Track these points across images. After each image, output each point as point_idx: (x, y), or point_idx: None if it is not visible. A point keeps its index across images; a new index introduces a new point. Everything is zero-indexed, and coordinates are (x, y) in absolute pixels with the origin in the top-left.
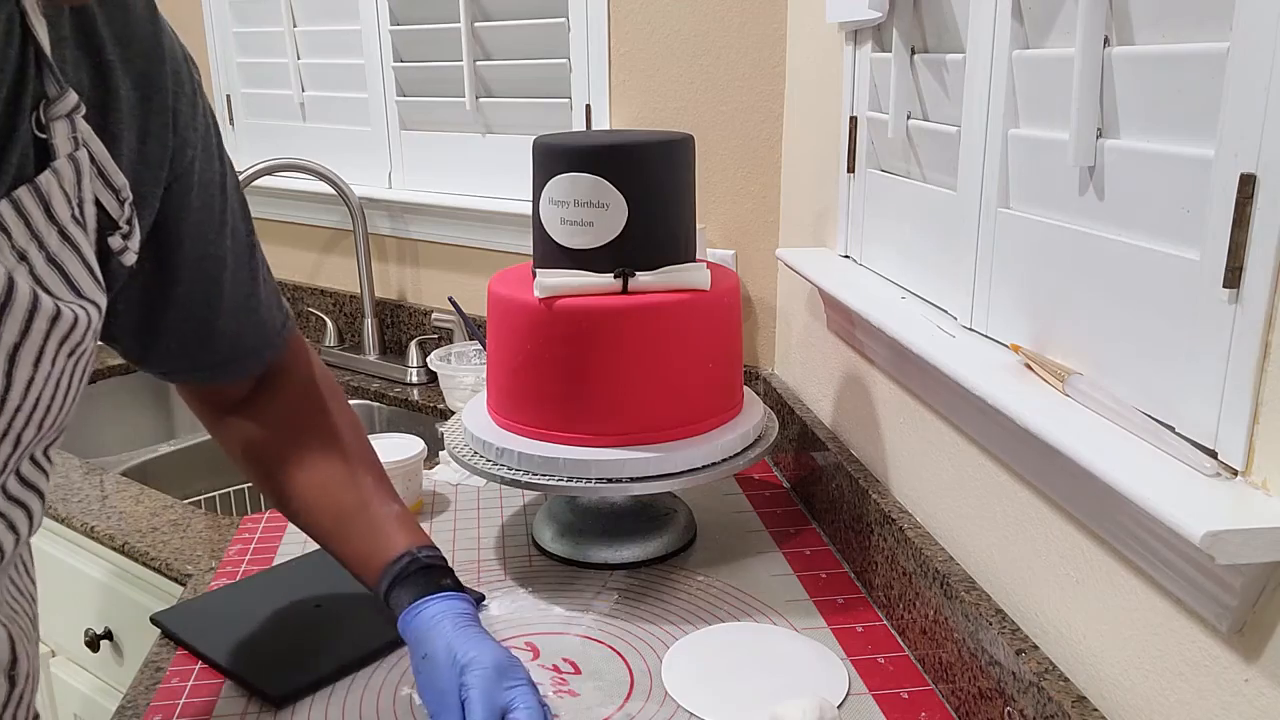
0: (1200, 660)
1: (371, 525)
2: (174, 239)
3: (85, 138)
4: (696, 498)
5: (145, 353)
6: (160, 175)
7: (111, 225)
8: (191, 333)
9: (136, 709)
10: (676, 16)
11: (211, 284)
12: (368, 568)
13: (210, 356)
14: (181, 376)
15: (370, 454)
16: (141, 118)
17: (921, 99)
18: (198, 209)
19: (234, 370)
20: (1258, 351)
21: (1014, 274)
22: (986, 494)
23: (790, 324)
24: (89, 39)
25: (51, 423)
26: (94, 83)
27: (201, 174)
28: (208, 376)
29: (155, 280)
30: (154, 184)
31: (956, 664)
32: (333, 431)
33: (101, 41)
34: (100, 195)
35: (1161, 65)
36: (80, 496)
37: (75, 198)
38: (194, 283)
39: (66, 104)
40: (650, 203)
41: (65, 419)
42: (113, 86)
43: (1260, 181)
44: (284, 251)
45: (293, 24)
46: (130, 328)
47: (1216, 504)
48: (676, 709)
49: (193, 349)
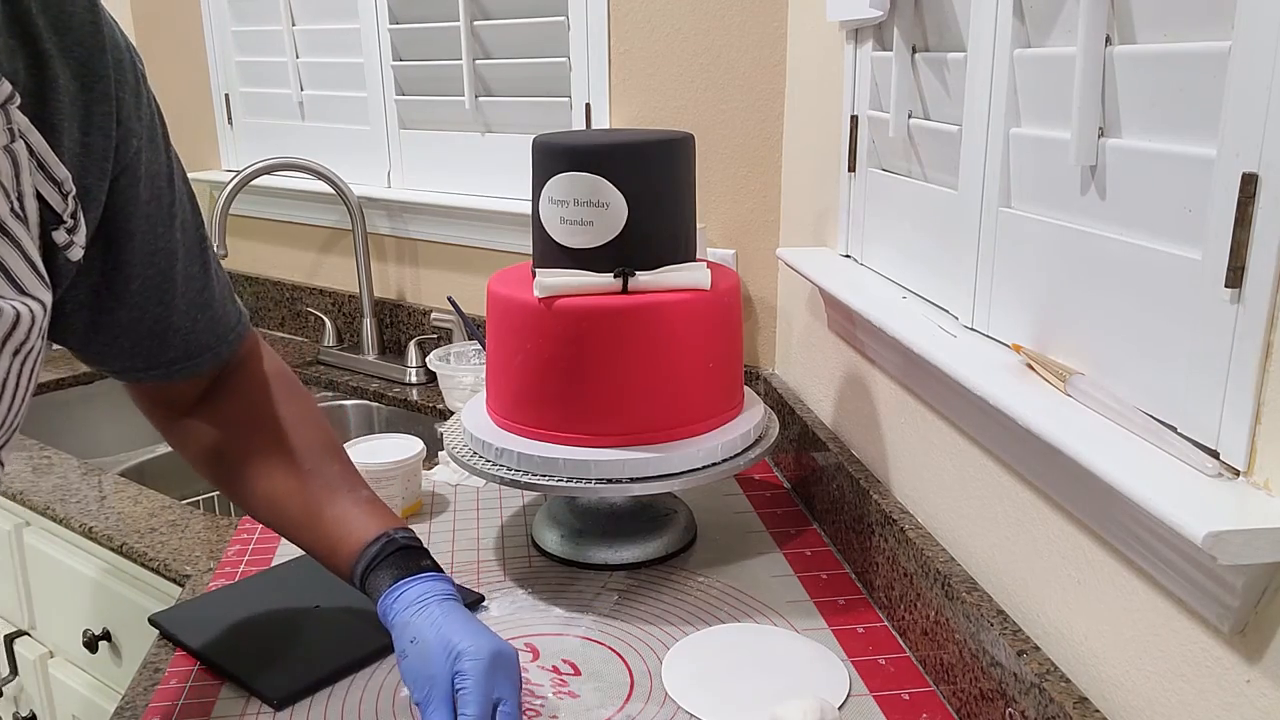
0: (1202, 661)
1: (343, 511)
2: (123, 233)
3: (22, 129)
4: (696, 498)
5: (98, 352)
6: (106, 167)
7: (55, 219)
8: (146, 330)
9: (135, 710)
10: (676, 16)
11: (164, 279)
12: (340, 553)
13: (165, 354)
14: (136, 375)
15: (335, 443)
16: (83, 108)
17: (922, 98)
18: (146, 202)
19: (190, 368)
20: (1260, 351)
21: (1015, 273)
22: (988, 494)
23: (791, 324)
24: (23, 27)
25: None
26: (30, 72)
27: (148, 166)
28: (163, 375)
29: (106, 278)
30: (99, 176)
31: (958, 665)
32: (296, 424)
33: (37, 30)
34: (41, 188)
35: (1163, 64)
36: (78, 497)
37: (14, 191)
38: (146, 278)
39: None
40: (650, 202)
41: (15, 420)
42: (51, 76)
43: (1262, 181)
44: (282, 251)
45: (291, 23)
46: (80, 327)
47: (1218, 504)
48: (677, 710)
49: (147, 347)
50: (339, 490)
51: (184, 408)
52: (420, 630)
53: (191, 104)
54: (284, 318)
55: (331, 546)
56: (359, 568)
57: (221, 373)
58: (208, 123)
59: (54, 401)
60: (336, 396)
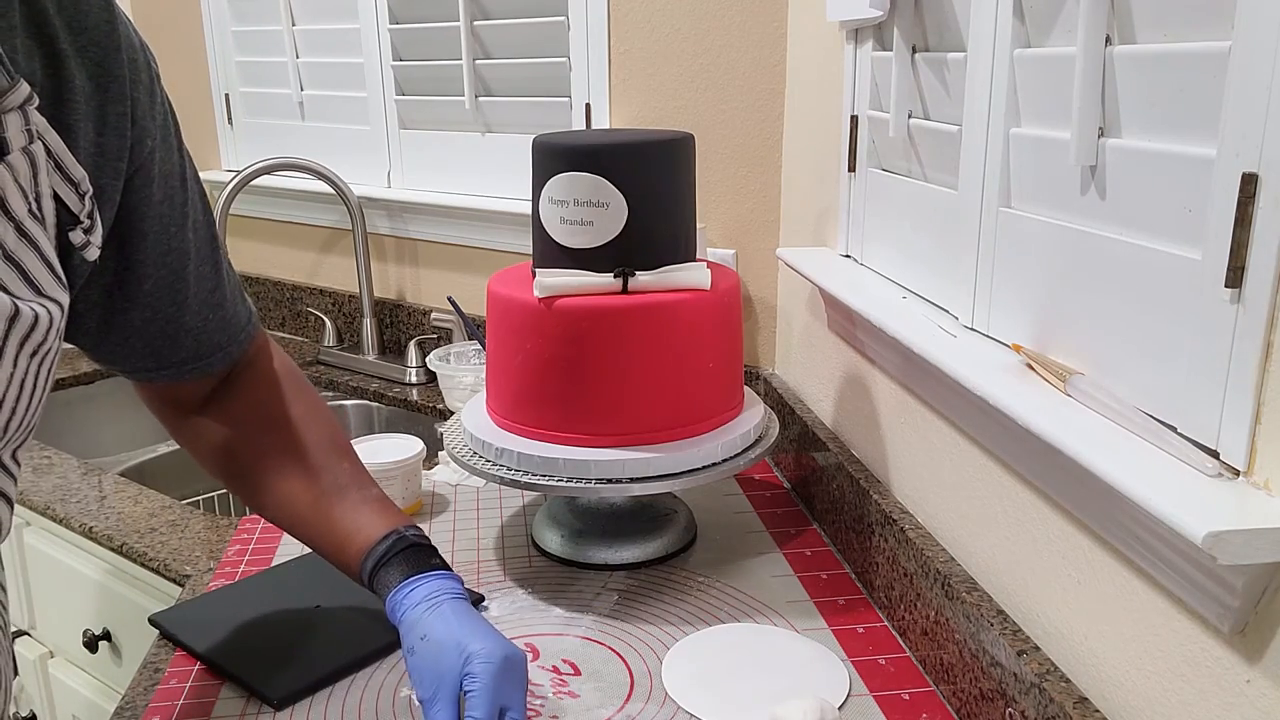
0: (1202, 661)
1: (353, 508)
2: (137, 234)
3: (40, 130)
4: (697, 498)
5: (110, 352)
6: (120, 167)
7: (72, 220)
8: (158, 330)
9: (135, 710)
10: (676, 16)
11: (176, 279)
12: (349, 550)
13: (177, 353)
14: (147, 375)
15: (345, 442)
16: (98, 108)
17: (922, 98)
18: (159, 202)
19: (201, 367)
20: (1260, 351)
21: (1015, 274)
22: (988, 494)
23: (791, 324)
24: (41, 28)
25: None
26: (47, 73)
27: (162, 165)
28: (174, 374)
29: (119, 278)
30: (114, 176)
31: (958, 665)
32: (305, 423)
33: (54, 30)
34: (58, 189)
35: (1163, 64)
36: (79, 497)
37: (32, 192)
38: (159, 278)
39: (18, 95)
40: (650, 202)
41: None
42: (67, 77)
43: (1262, 181)
44: (283, 251)
45: (291, 23)
46: (93, 327)
47: (1218, 504)
48: (677, 710)
49: (159, 346)
50: (348, 488)
51: (193, 406)
52: (431, 627)
53: (192, 104)
54: (284, 318)
55: (340, 543)
56: (368, 564)
57: (231, 371)
58: (208, 123)
59: (54, 401)
60: (336, 396)
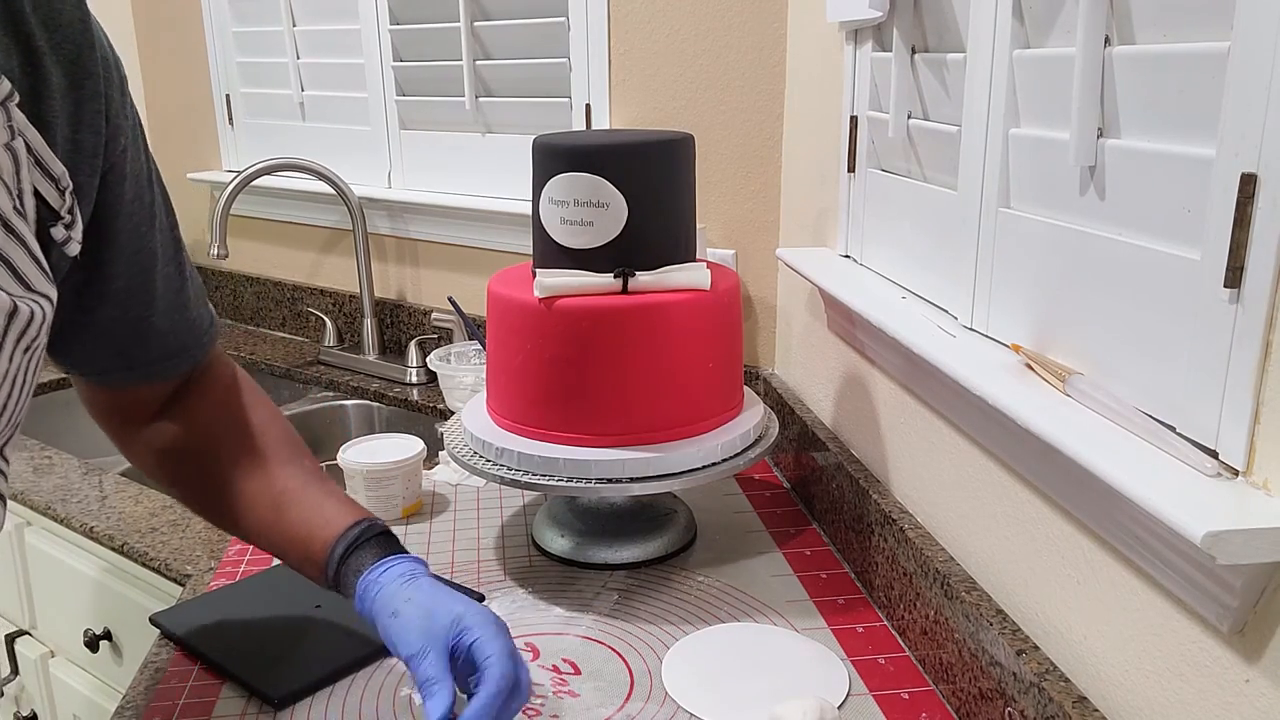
0: (1201, 661)
1: (318, 502)
2: (109, 232)
3: (20, 127)
4: (696, 498)
5: (77, 352)
6: (95, 164)
7: (53, 216)
8: (128, 330)
9: (135, 709)
10: (676, 16)
11: (146, 278)
12: (316, 542)
13: (145, 354)
14: (112, 377)
15: (302, 445)
16: (74, 104)
17: (922, 98)
18: (130, 201)
19: (168, 368)
20: (1259, 351)
21: (1015, 274)
22: (987, 494)
23: (790, 324)
24: (18, 26)
25: (8, 421)
26: (24, 70)
27: (133, 165)
28: (141, 376)
29: (89, 276)
30: (90, 173)
31: (957, 664)
32: (265, 424)
33: (30, 28)
34: (39, 185)
35: (1162, 65)
36: (79, 497)
37: (15, 189)
38: (129, 276)
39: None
40: (650, 202)
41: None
42: (43, 74)
43: (1261, 181)
44: (283, 251)
45: (292, 23)
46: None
47: (1217, 504)
48: (676, 709)
49: (127, 346)
50: (311, 484)
51: (148, 415)
52: (415, 594)
53: (192, 104)
54: (285, 318)
55: (306, 536)
56: (339, 549)
57: (190, 375)
58: (208, 123)
59: (55, 401)
60: (337, 396)
